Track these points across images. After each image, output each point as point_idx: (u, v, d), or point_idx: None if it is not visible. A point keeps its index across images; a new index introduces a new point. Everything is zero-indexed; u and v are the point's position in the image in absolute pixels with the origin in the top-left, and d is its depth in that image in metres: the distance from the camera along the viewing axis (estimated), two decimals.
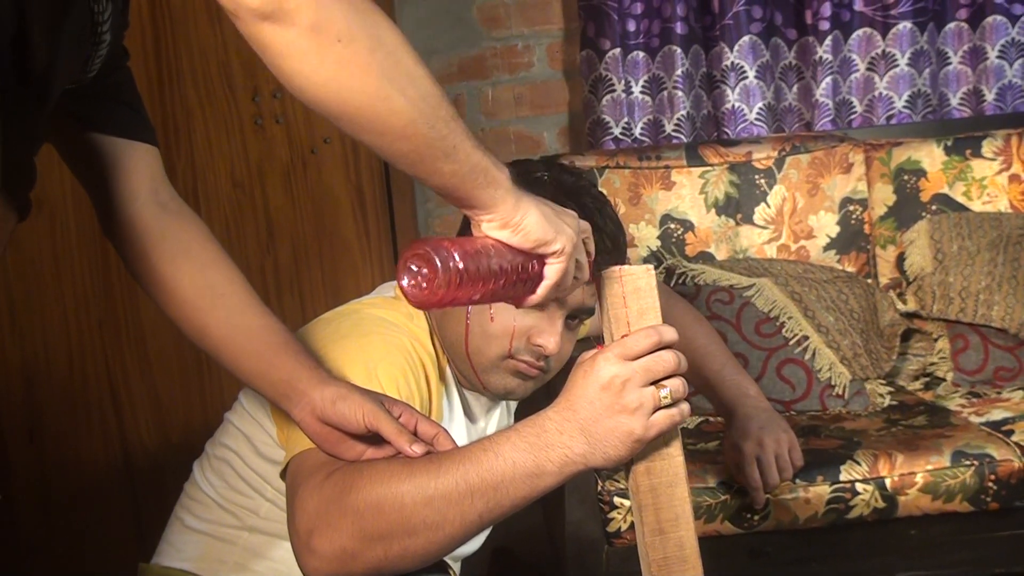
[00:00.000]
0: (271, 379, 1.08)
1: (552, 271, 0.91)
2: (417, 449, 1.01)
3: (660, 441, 0.96)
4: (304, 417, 1.06)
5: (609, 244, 1.25)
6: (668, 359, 0.93)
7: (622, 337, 0.94)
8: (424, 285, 0.83)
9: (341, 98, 0.77)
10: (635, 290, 0.95)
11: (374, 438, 1.04)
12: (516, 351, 1.25)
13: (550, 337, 1.24)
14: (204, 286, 1.09)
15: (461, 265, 0.83)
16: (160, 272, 1.09)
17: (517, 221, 0.88)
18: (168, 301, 1.10)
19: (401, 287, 0.85)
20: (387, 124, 0.79)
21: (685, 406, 0.95)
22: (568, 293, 0.98)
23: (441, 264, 0.83)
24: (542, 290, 0.92)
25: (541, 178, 1.30)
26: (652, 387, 0.93)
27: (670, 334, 0.94)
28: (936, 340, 2.18)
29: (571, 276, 0.93)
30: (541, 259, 0.91)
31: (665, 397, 0.93)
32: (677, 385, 0.94)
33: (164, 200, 1.11)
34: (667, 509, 0.97)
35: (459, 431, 1.34)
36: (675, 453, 0.97)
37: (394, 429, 1.02)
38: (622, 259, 1.29)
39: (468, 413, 1.36)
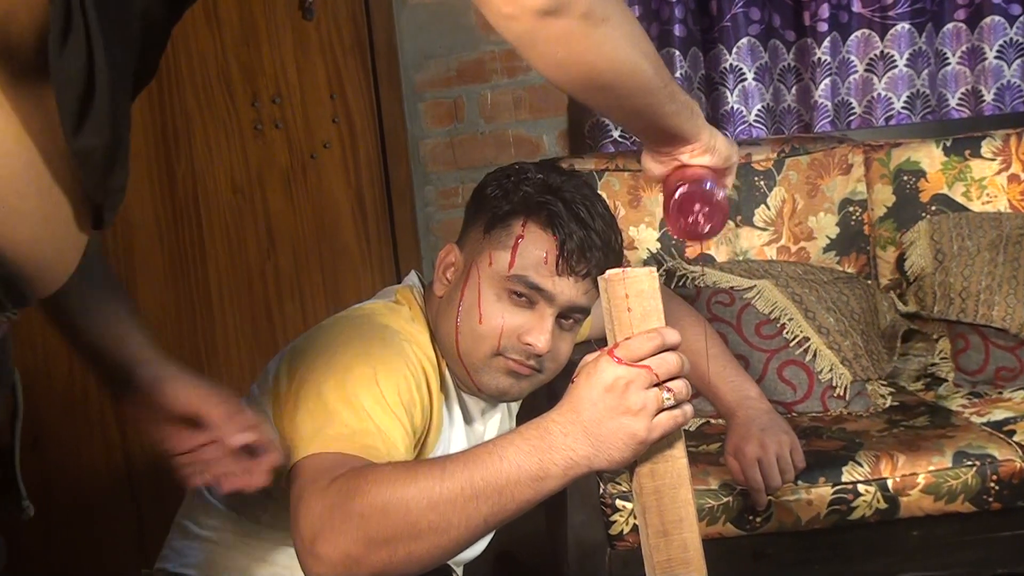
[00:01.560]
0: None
1: (730, 181, 1.03)
2: (239, 439, 1.02)
3: (663, 443, 0.95)
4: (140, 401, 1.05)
5: (598, 241, 1.24)
6: (671, 361, 0.93)
7: (625, 340, 0.94)
8: (703, 218, 0.98)
9: (603, 71, 0.85)
10: (638, 293, 0.95)
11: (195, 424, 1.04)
12: (505, 349, 1.25)
13: (539, 335, 1.24)
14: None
15: (722, 195, 0.98)
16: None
17: (714, 144, 0.98)
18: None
19: (678, 225, 0.98)
20: (639, 85, 0.88)
21: (688, 408, 0.95)
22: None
23: (718, 194, 0.97)
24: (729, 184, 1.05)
25: (531, 178, 1.29)
26: (655, 389, 0.93)
27: (673, 336, 0.94)
28: (937, 340, 2.18)
29: None
30: (721, 175, 1.01)
31: (668, 399, 0.93)
32: (680, 387, 0.94)
33: None
34: (671, 511, 0.96)
35: (458, 435, 1.34)
36: (678, 455, 0.97)
37: (222, 415, 1.03)
38: (618, 260, 1.28)
39: (466, 416, 1.36)
